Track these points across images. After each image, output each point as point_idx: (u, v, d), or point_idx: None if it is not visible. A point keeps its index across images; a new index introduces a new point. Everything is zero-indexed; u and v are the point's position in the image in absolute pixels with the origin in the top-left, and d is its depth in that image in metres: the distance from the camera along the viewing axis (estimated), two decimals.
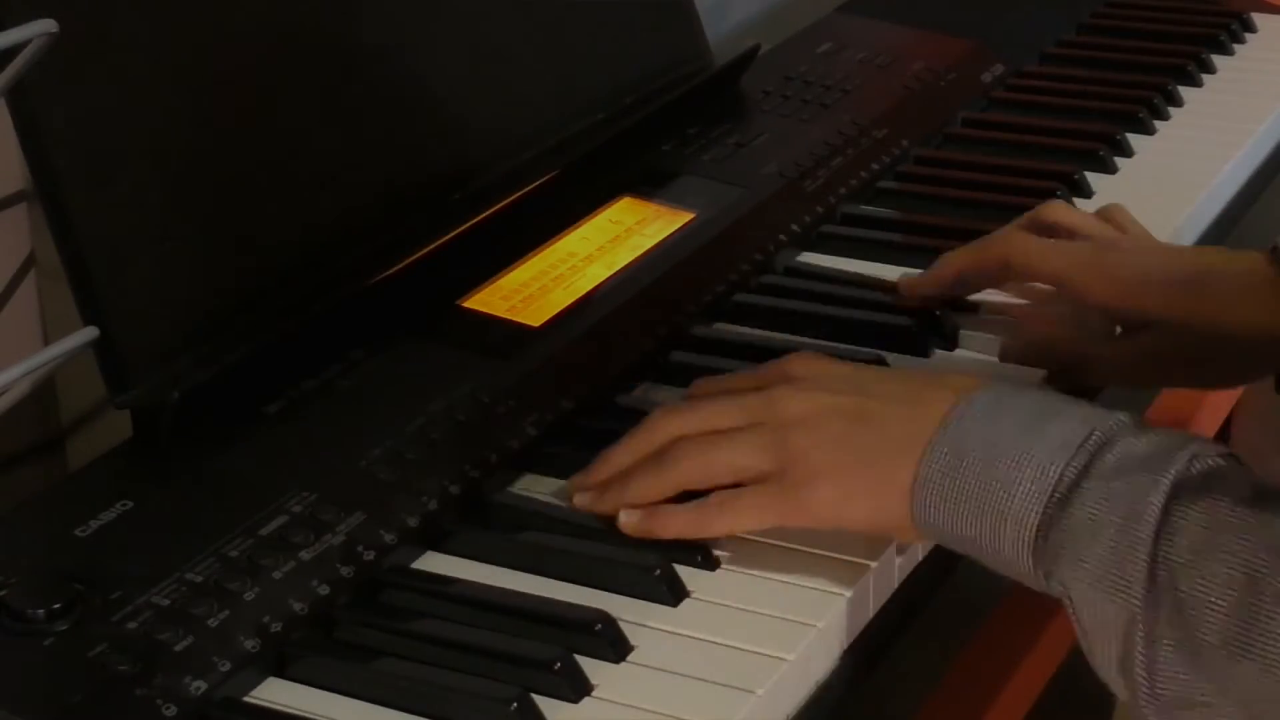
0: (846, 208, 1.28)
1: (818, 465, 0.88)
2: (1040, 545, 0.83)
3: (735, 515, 0.90)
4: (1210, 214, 1.33)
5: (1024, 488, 0.83)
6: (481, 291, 1.09)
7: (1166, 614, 0.79)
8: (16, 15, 0.89)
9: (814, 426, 0.89)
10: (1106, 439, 0.83)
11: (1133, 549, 0.80)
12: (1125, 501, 0.81)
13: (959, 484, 0.85)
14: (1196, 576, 0.78)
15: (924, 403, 0.88)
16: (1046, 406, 0.86)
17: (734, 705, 0.82)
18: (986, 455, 0.84)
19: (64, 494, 0.95)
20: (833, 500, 0.88)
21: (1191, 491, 0.80)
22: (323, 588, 0.87)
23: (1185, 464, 0.81)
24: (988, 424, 0.85)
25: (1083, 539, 0.81)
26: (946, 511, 0.85)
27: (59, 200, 0.94)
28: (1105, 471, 0.82)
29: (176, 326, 0.98)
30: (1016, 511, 0.83)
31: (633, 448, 0.93)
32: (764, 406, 0.91)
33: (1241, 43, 1.61)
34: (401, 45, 1.14)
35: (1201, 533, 0.79)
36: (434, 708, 0.81)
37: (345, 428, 0.96)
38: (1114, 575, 0.80)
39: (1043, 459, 0.83)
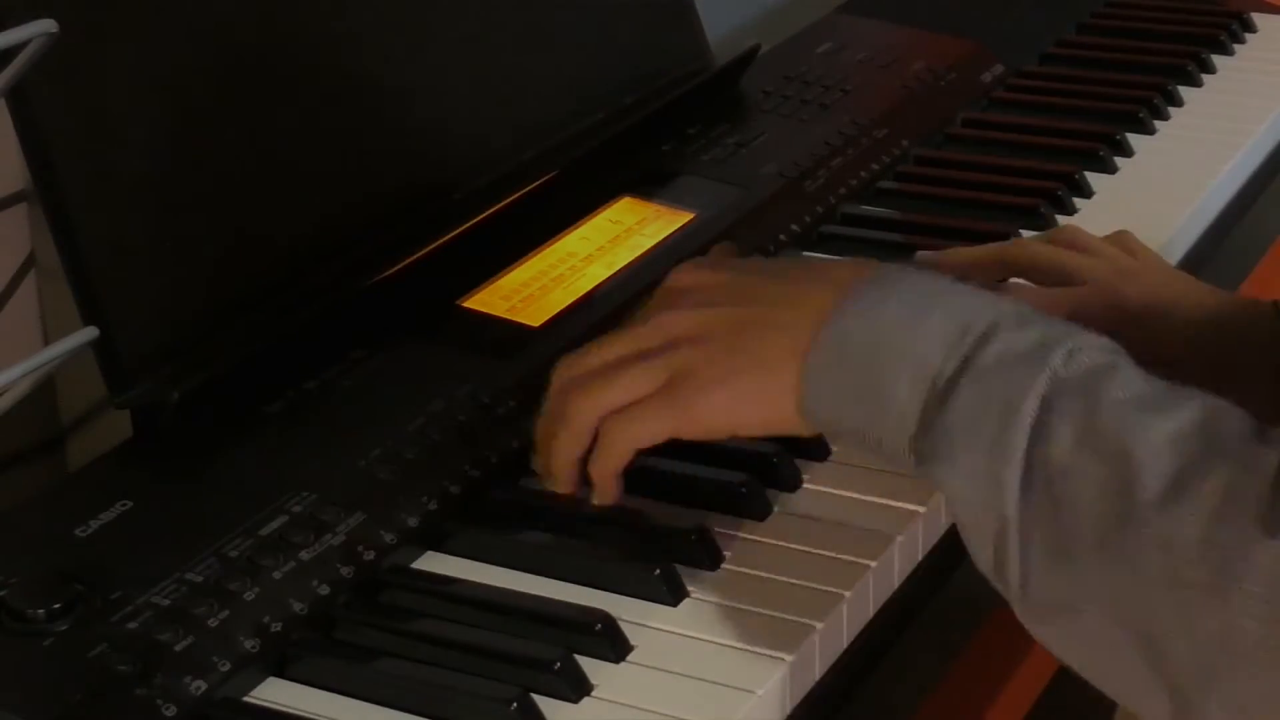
0: (846, 208, 1.28)
1: (706, 376, 0.86)
2: (919, 442, 0.81)
3: (631, 433, 0.88)
4: (1210, 214, 1.33)
5: (904, 385, 0.81)
6: (481, 291, 1.09)
7: (1039, 516, 0.76)
8: (16, 15, 0.89)
9: (698, 341, 0.87)
10: (988, 331, 0.80)
11: (1007, 451, 0.77)
12: (1000, 402, 0.78)
13: (842, 378, 0.83)
14: (1071, 478, 0.76)
15: (806, 300, 0.86)
16: (930, 295, 0.84)
17: (734, 705, 0.82)
18: (868, 348, 0.82)
19: (64, 494, 0.95)
20: (724, 407, 0.86)
21: (1071, 389, 0.78)
22: (323, 588, 0.87)
23: (1064, 360, 0.79)
24: (870, 316, 0.83)
25: (958, 440, 0.79)
26: (831, 405, 0.84)
27: (59, 200, 0.94)
28: (983, 368, 0.79)
29: (176, 326, 0.98)
30: (897, 409, 0.81)
31: (544, 410, 0.92)
32: (651, 333, 0.89)
33: (1241, 43, 1.61)
34: (402, 46, 1.14)
35: (1077, 433, 0.76)
36: (434, 708, 0.81)
37: (345, 428, 0.96)
38: (988, 477, 0.78)
39: (923, 353, 0.81)
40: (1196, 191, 1.32)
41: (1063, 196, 1.30)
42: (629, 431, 0.88)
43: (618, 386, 0.88)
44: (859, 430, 0.83)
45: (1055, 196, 1.30)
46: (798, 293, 0.87)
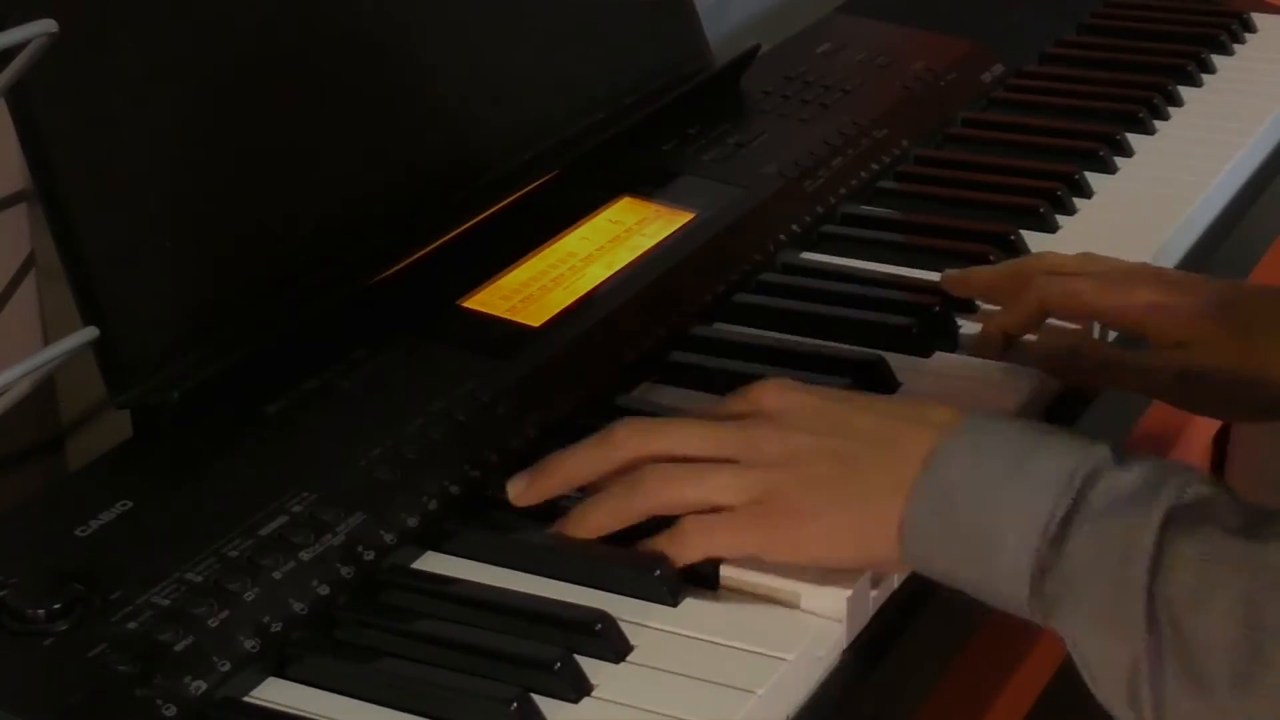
0: (846, 208, 1.28)
1: (800, 506, 0.87)
2: (1036, 590, 0.82)
3: (714, 545, 0.88)
4: (1210, 214, 1.33)
5: (1016, 532, 0.82)
6: (481, 291, 1.09)
7: (1169, 651, 0.78)
8: (16, 15, 0.89)
9: (794, 468, 0.87)
10: (1093, 473, 0.82)
11: (1130, 589, 0.79)
12: (1118, 540, 0.80)
13: (948, 528, 0.84)
14: (1196, 611, 0.77)
15: (905, 442, 0.86)
16: (1031, 440, 0.85)
17: (734, 705, 0.82)
18: (974, 497, 0.84)
19: (64, 494, 0.95)
20: (816, 539, 0.87)
21: (1183, 524, 0.80)
22: (323, 588, 0.87)
23: (1175, 495, 0.81)
24: (972, 463, 0.84)
25: (1079, 582, 0.81)
26: (938, 554, 0.85)
27: (59, 200, 0.94)
28: (1095, 510, 0.81)
29: (176, 326, 0.98)
30: (1010, 557, 0.82)
31: (590, 460, 0.92)
32: (740, 442, 0.89)
33: (1241, 43, 1.61)
34: (402, 46, 1.14)
35: (1197, 566, 0.78)
36: (434, 708, 0.81)
37: (345, 428, 0.96)
38: (1113, 616, 0.79)
39: (1032, 500, 0.82)
40: (1196, 191, 1.32)
41: (1063, 196, 1.30)
42: (712, 539, 0.88)
43: (706, 487, 0.89)
44: (967, 580, 0.85)
45: (1055, 196, 1.30)
46: (896, 433, 0.87)
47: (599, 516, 0.90)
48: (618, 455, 0.91)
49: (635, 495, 0.90)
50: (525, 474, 0.93)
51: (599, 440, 0.92)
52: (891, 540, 0.86)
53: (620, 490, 0.90)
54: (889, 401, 0.95)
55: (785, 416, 0.90)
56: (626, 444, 0.91)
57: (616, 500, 0.90)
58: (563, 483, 0.92)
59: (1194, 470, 0.83)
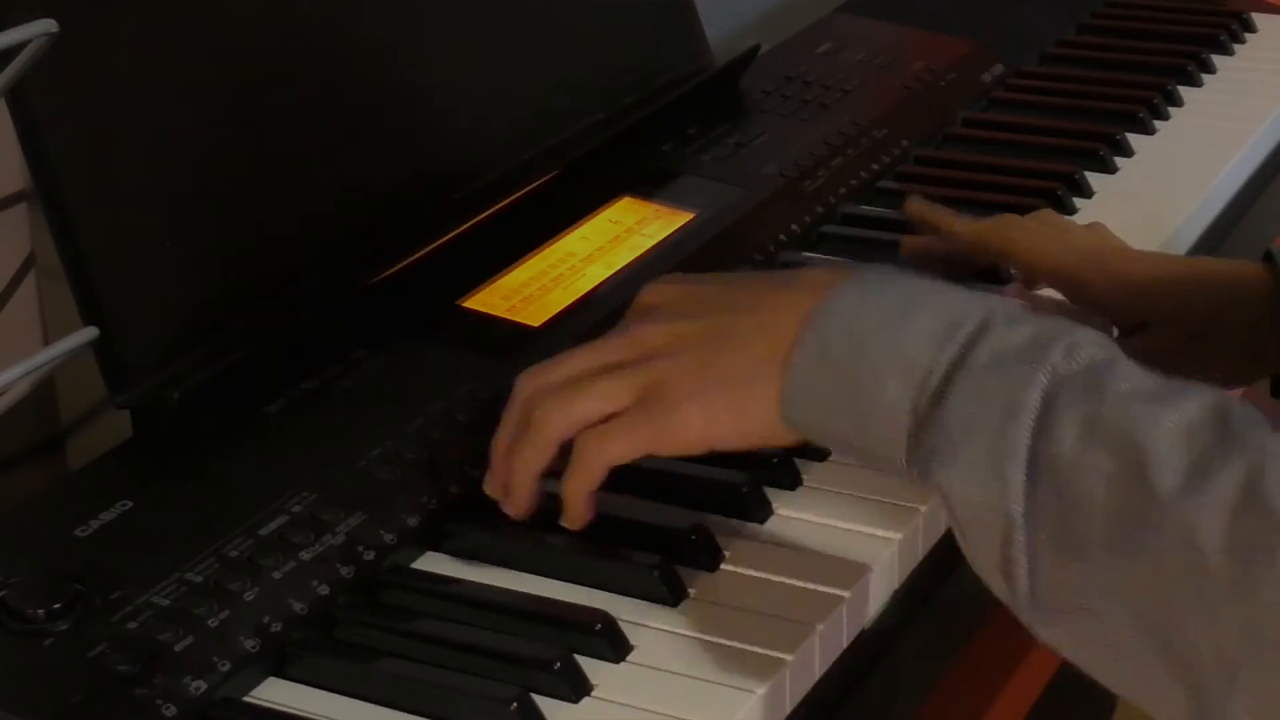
0: (846, 208, 1.28)
1: (680, 389, 0.85)
2: (914, 445, 0.79)
3: (606, 452, 0.86)
4: (1210, 214, 1.33)
5: (893, 385, 0.79)
6: (481, 291, 1.09)
7: (1047, 514, 0.75)
8: (16, 15, 0.89)
9: (672, 354, 0.86)
10: (980, 329, 0.79)
11: (1010, 448, 0.76)
12: (1000, 398, 0.76)
13: (825, 382, 0.81)
14: (1080, 473, 0.74)
15: (783, 306, 0.84)
16: (915, 294, 0.82)
17: (734, 705, 0.82)
18: (852, 349, 0.80)
19: (64, 494, 0.95)
20: (699, 420, 0.85)
21: (1073, 384, 0.76)
22: (323, 588, 0.87)
23: (1063, 355, 0.77)
24: (852, 317, 0.81)
25: (958, 438, 0.77)
26: (815, 410, 0.82)
27: (59, 200, 0.95)
28: (979, 366, 0.78)
29: (176, 326, 0.98)
30: (887, 410, 0.79)
31: (505, 421, 0.90)
32: (621, 346, 0.88)
33: (1241, 43, 1.61)
34: (402, 46, 1.14)
35: (1082, 427, 0.75)
36: (434, 708, 0.81)
37: (345, 428, 0.96)
38: (991, 476, 0.76)
39: (911, 352, 0.79)
40: (1197, 191, 1.32)
41: (1063, 196, 1.30)
42: (603, 448, 0.86)
43: (587, 397, 0.87)
44: (845, 435, 0.82)
45: (1055, 196, 1.30)
46: (773, 298, 0.85)
47: (516, 465, 0.88)
48: (519, 402, 0.89)
49: (532, 431, 0.88)
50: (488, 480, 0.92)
51: (509, 402, 0.90)
52: (773, 407, 0.83)
53: (521, 433, 0.88)
54: (771, 273, 0.92)
55: (665, 309, 0.89)
56: (521, 387, 0.89)
57: (522, 444, 0.88)
58: (499, 459, 0.90)
59: (1087, 330, 0.80)
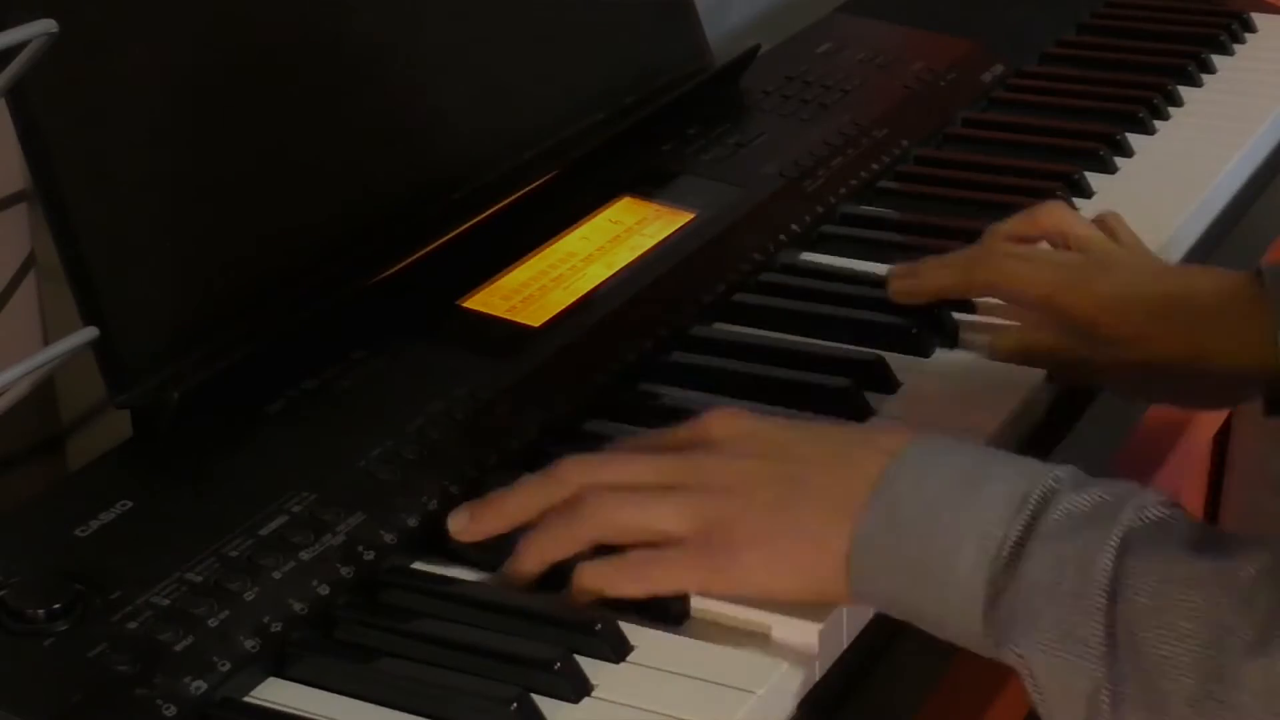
0: (846, 208, 1.28)
1: (744, 534, 0.84)
2: (990, 614, 0.80)
3: (653, 576, 0.86)
4: (1210, 214, 1.33)
5: (967, 555, 0.80)
6: (481, 291, 1.09)
7: (1129, 675, 0.77)
8: (16, 15, 0.89)
9: (739, 494, 0.85)
10: (1047, 496, 0.80)
11: (1088, 612, 0.77)
12: (1075, 562, 0.78)
13: (896, 552, 0.82)
14: (1156, 634, 0.76)
15: (853, 464, 0.84)
16: (981, 463, 0.83)
17: (734, 705, 0.82)
18: (923, 520, 0.81)
19: (64, 494, 0.95)
20: (761, 569, 0.84)
21: (1141, 545, 0.78)
22: (323, 588, 0.87)
23: (1132, 516, 0.79)
24: (922, 485, 0.82)
25: (1035, 605, 0.78)
26: (885, 581, 0.82)
27: (59, 200, 0.94)
28: (1050, 532, 0.79)
29: (176, 326, 0.98)
30: (961, 580, 0.80)
31: (531, 494, 0.89)
32: (684, 469, 0.87)
33: (1241, 43, 1.61)
34: (402, 45, 1.14)
35: (1156, 588, 0.77)
36: (434, 708, 0.81)
37: (345, 428, 0.96)
38: (1071, 640, 0.77)
39: (984, 523, 0.80)
40: (1197, 191, 1.32)
41: (1063, 196, 1.30)
42: (655, 577, 0.86)
43: (644, 512, 0.86)
44: (917, 607, 0.82)
45: (1055, 197, 1.29)
46: (843, 456, 0.85)
47: (544, 544, 0.87)
48: (561, 491, 0.88)
49: (576, 521, 0.87)
50: (466, 508, 0.90)
51: (542, 477, 0.89)
52: (838, 568, 0.83)
53: (563, 517, 0.87)
54: (839, 427, 0.92)
55: (732, 444, 0.88)
56: (569, 478, 0.88)
57: (559, 528, 0.87)
58: (505, 521, 0.89)
59: (1151, 491, 0.81)
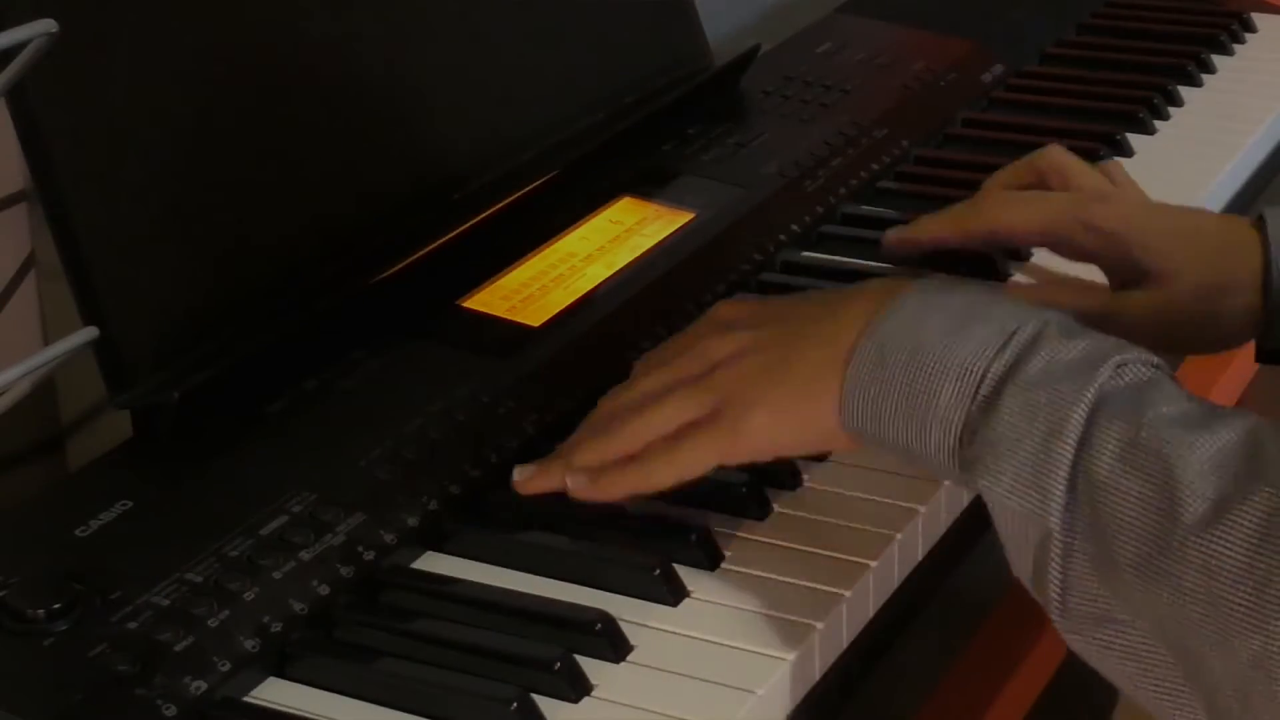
0: (846, 208, 1.28)
1: (748, 397, 0.87)
2: (963, 450, 0.81)
3: (677, 459, 0.89)
4: None
5: (948, 391, 0.81)
6: (481, 291, 1.09)
7: (1082, 529, 0.77)
8: (16, 15, 0.89)
9: (739, 361, 0.88)
10: (1033, 340, 0.81)
11: (1052, 463, 0.78)
12: (1046, 413, 0.79)
13: (884, 388, 0.83)
14: (1115, 494, 0.76)
15: (845, 314, 0.86)
16: (974, 304, 0.84)
17: (734, 705, 0.82)
18: (911, 356, 0.83)
19: (64, 494, 0.95)
20: (766, 426, 0.87)
21: (1115, 403, 0.78)
22: (323, 588, 0.87)
23: (1111, 374, 0.79)
24: (913, 325, 0.84)
25: (1003, 449, 0.79)
26: (874, 415, 0.84)
27: (59, 200, 0.95)
28: (1028, 379, 0.80)
29: (176, 326, 0.98)
30: (941, 416, 0.82)
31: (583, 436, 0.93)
32: (692, 361, 0.90)
33: (1241, 43, 1.61)
34: (402, 45, 1.14)
35: (1122, 449, 0.77)
36: (434, 708, 0.81)
37: (345, 428, 0.96)
38: (1032, 488, 0.78)
39: (967, 360, 0.81)
40: (1197, 192, 1.32)
41: None
42: (675, 461, 0.89)
43: (666, 409, 0.89)
44: (902, 441, 0.84)
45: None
46: (835, 309, 0.88)
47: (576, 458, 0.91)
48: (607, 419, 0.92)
49: (610, 438, 0.90)
50: (533, 464, 0.93)
51: (586, 422, 0.93)
52: (833, 411, 0.85)
53: (599, 441, 0.91)
54: (837, 289, 0.94)
55: (733, 323, 0.91)
56: (602, 405, 0.92)
57: (589, 443, 0.91)
58: (564, 467, 0.92)
59: (1138, 349, 0.81)
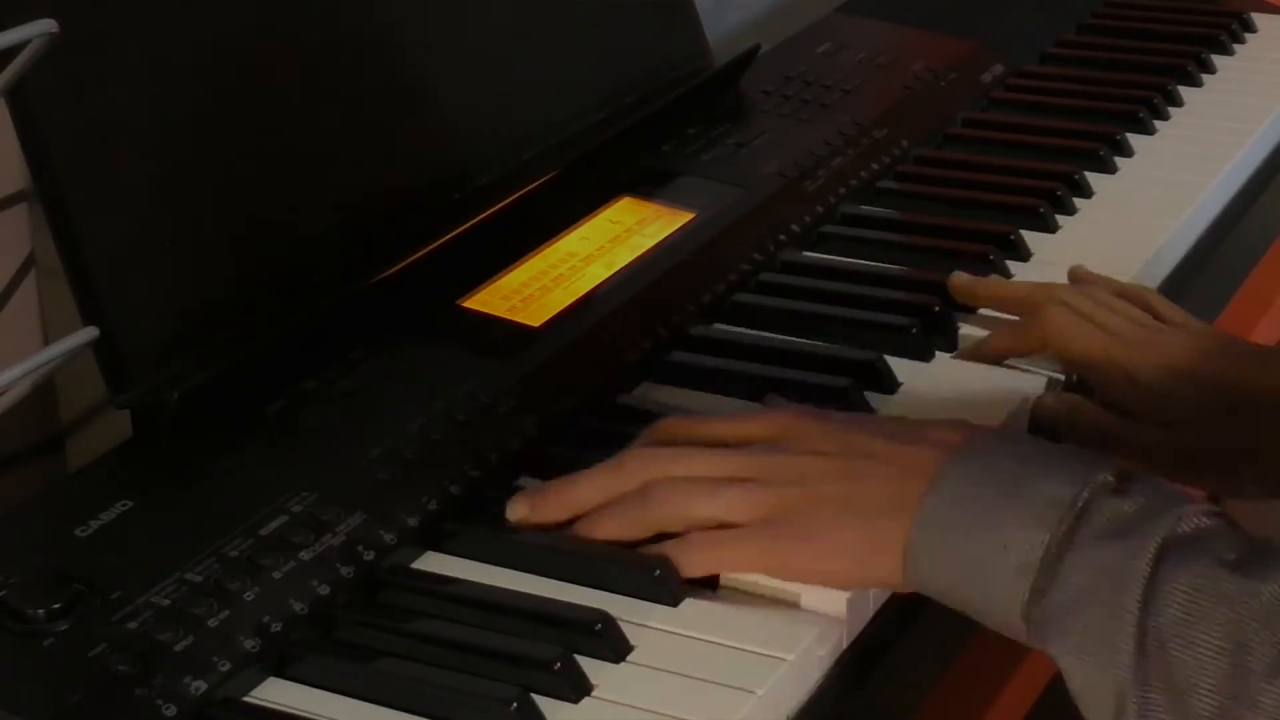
0: (846, 208, 1.28)
1: (808, 524, 0.87)
2: (1030, 613, 0.82)
3: (717, 557, 0.89)
4: (1210, 214, 1.33)
5: (1012, 557, 0.83)
6: (481, 291, 1.09)
7: (1156, 684, 0.78)
8: (16, 15, 0.89)
9: (802, 487, 0.88)
10: (1091, 500, 0.83)
11: (1120, 618, 0.79)
12: (1112, 568, 0.80)
13: (950, 548, 0.85)
14: (1185, 646, 0.77)
15: (911, 461, 0.87)
16: (1033, 460, 0.86)
17: (734, 705, 0.82)
18: (975, 519, 0.84)
19: (64, 494, 0.95)
20: (821, 555, 0.87)
21: (1178, 556, 0.79)
22: (323, 588, 0.87)
23: (1172, 525, 0.81)
24: (975, 483, 0.85)
25: (1070, 609, 0.81)
26: (939, 574, 0.85)
27: (59, 200, 0.94)
28: (1091, 537, 0.81)
29: (176, 326, 0.98)
30: (1006, 581, 0.83)
31: (602, 485, 0.91)
32: (750, 465, 0.90)
33: (1241, 43, 1.61)
34: (402, 46, 1.14)
35: (1188, 601, 0.78)
36: (434, 708, 0.81)
37: (345, 428, 0.96)
38: (1103, 645, 0.79)
39: (1031, 524, 0.83)
40: (1196, 191, 1.32)
41: (1063, 196, 1.30)
42: (719, 555, 0.89)
43: (718, 504, 0.89)
44: (967, 600, 0.85)
45: (1055, 196, 1.30)
46: (903, 452, 0.88)
47: (609, 526, 0.90)
48: (628, 482, 0.91)
49: (647, 506, 0.90)
50: (526, 496, 0.92)
51: (610, 467, 0.92)
52: (895, 559, 0.86)
53: (632, 501, 0.90)
54: (898, 422, 0.95)
55: (796, 441, 0.91)
56: (637, 470, 0.91)
57: (628, 511, 0.90)
58: (568, 511, 0.91)
59: (1195, 500, 0.83)
